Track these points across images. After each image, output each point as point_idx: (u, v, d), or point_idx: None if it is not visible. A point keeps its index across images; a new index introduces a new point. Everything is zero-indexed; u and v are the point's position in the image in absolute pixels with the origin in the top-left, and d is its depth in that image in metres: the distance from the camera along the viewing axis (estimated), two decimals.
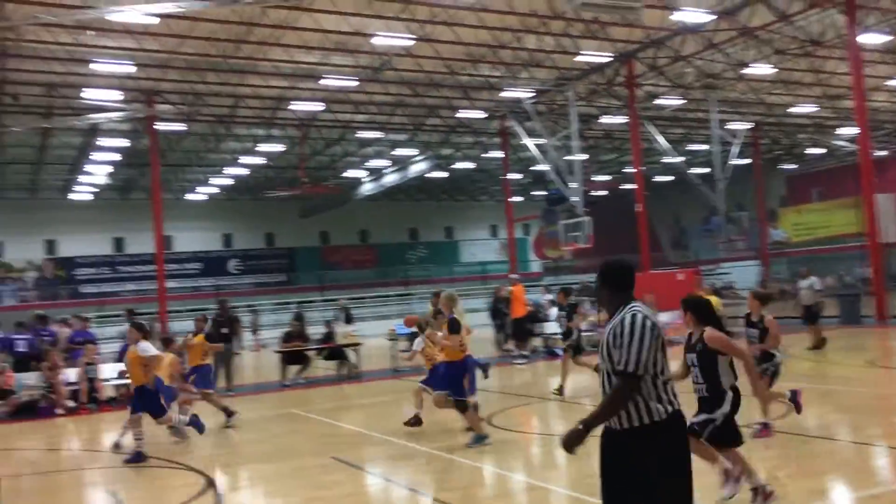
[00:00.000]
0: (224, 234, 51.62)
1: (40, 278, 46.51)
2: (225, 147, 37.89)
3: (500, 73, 29.57)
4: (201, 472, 8.71)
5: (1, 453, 11.40)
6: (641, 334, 3.77)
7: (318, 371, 18.55)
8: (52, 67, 25.82)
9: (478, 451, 9.06)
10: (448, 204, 57.66)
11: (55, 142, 35.22)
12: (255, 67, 27.35)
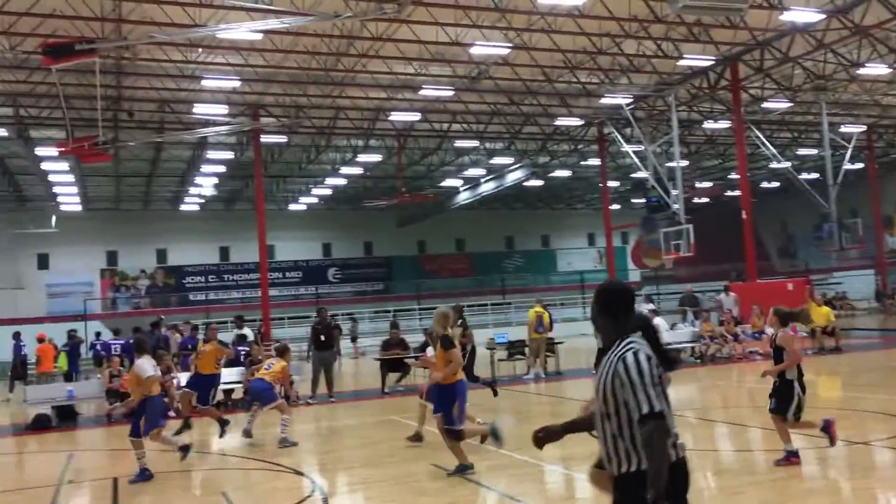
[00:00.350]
0: (324, 243, 52.77)
1: (152, 286, 48.68)
2: (325, 158, 38.76)
3: (598, 79, 29.16)
4: (306, 475, 8.86)
5: (117, 453, 11.91)
6: (650, 371, 3.51)
7: (417, 379, 18.64)
8: (164, 84, 27.04)
9: (577, 459, 8.86)
10: (545, 212, 57.26)
11: (166, 155, 36.87)
12: (354, 80, 27.87)
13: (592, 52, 25.94)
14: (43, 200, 42.97)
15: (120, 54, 23.60)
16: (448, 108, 32.09)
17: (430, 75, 27.77)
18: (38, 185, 40.28)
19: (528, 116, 33.62)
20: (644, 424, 3.44)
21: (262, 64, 25.73)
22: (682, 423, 11.38)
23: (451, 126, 34.21)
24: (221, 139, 33.98)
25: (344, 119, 32.72)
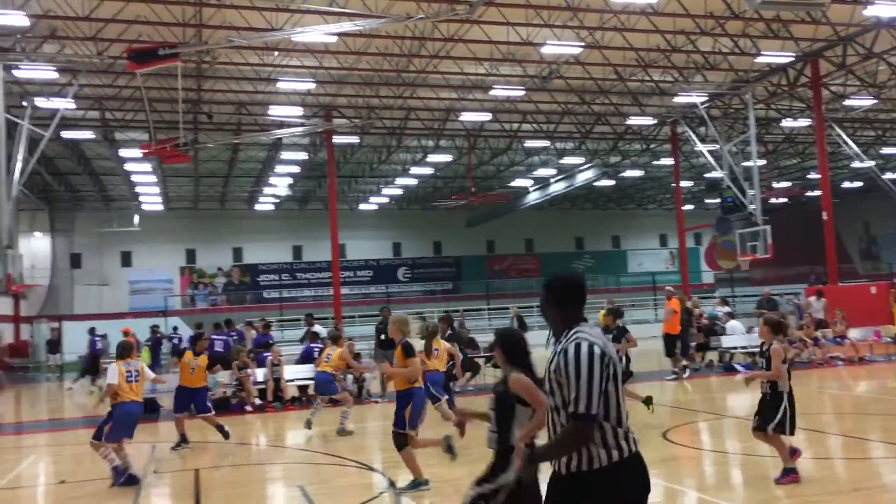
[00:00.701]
0: (394, 242, 53.27)
1: (228, 283, 49.97)
2: (395, 158, 39.15)
3: (672, 77, 28.70)
4: (381, 472, 9.01)
5: (198, 446, 12.31)
6: (590, 367, 3.33)
7: (487, 378, 18.72)
8: (241, 87, 27.76)
9: (651, 465, 8.79)
10: (615, 212, 56.61)
11: (242, 156, 37.83)
12: (425, 80, 28.08)
13: (666, 49, 25.55)
14: (126, 200, 44.60)
15: (200, 58, 24.32)
16: (518, 107, 32.04)
17: (501, 75, 27.77)
18: (122, 186, 41.82)
19: (600, 116, 33.31)
20: (572, 420, 3.34)
21: (335, 66, 26.16)
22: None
23: (522, 126, 34.14)
24: (296, 140, 34.68)
25: (415, 119, 32.99)
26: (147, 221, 45.41)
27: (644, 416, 11.75)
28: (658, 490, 7.90)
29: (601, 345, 3.43)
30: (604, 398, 3.37)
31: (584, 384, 3.32)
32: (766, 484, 8.03)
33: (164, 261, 48.06)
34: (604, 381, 3.37)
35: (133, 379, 9.24)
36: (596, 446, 3.38)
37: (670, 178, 39.19)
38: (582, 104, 31.51)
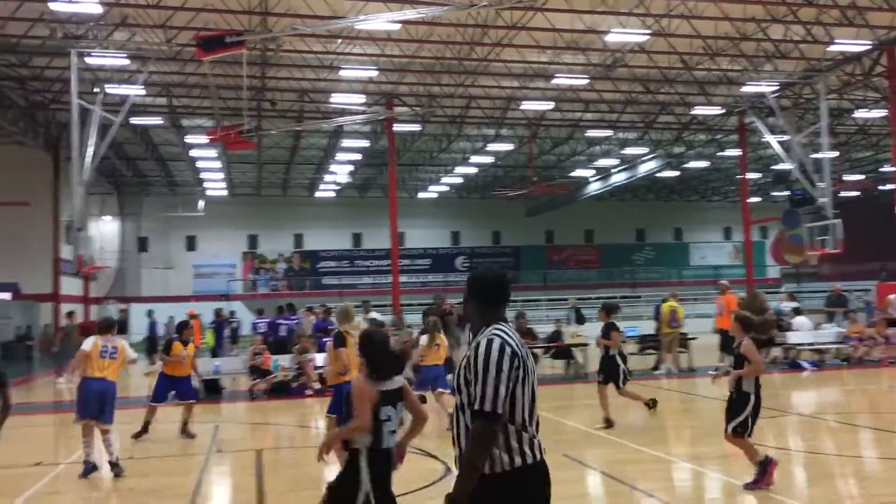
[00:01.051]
0: (452, 231, 53.32)
1: (289, 269, 50.74)
2: (456, 147, 39.11)
3: (740, 66, 27.96)
4: (440, 459, 9.02)
5: (260, 427, 12.54)
6: (498, 364, 3.19)
7: (544, 370, 18.62)
8: (304, 74, 28.02)
9: (709, 458, 8.61)
10: (678, 204, 55.60)
11: (304, 143, 38.28)
12: (487, 68, 27.92)
13: (735, 37, 24.91)
14: (192, 186, 45.59)
15: (265, 46, 24.61)
16: (581, 96, 31.64)
17: (564, 63, 27.45)
18: (188, 171, 42.74)
19: (664, 105, 32.67)
20: (474, 421, 3.20)
21: (397, 54, 26.21)
22: (823, 427, 10.85)
23: (584, 115, 33.73)
24: (357, 128, 34.91)
25: (476, 108, 32.87)
26: (211, 207, 46.37)
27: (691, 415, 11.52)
28: (719, 486, 7.74)
29: (515, 345, 3.29)
30: (511, 400, 3.22)
31: (491, 381, 3.18)
32: (830, 482, 7.81)
33: (227, 246, 49.05)
34: (511, 381, 3.22)
35: (107, 355, 8.77)
36: (499, 449, 3.23)
37: (736, 169, 38.30)
38: (646, 93, 30.94)
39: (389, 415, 4.52)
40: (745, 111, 32.23)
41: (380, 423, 4.49)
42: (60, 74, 26.63)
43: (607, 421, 11.01)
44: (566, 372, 18.13)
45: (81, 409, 8.70)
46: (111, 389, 8.80)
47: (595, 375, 17.85)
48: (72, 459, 9.92)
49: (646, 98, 31.67)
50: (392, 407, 4.54)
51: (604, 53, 26.61)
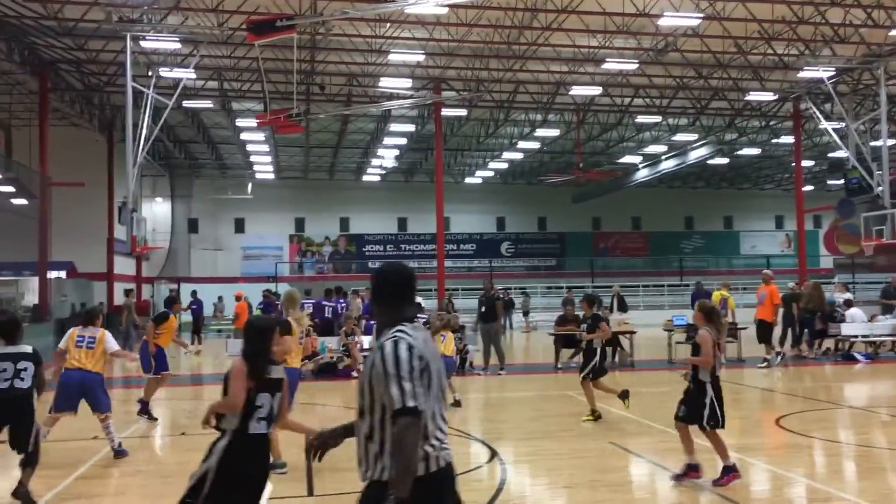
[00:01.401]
0: (498, 216, 53.17)
1: (334, 252, 51.18)
2: (502, 132, 38.94)
3: (797, 50, 27.30)
4: (485, 442, 9.04)
5: (307, 407, 12.70)
6: (410, 364, 3.10)
7: None
8: (353, 58, 28.14)
9: (756, 449, 8.49)
10: (729, 192, 54.66)
11: (352, 127, 38.47)
12: (535, 53, 27.69)
13: (792, 21, 24.31)
14: (241, 168, 46.21)
15: (315, 30, 24.74)
16: (630, 81, 31.24)
17: (614, 48, 27.09)
18: (237, 154, 43.32)
19: (717, 91, 32.08)
20: (395, 421, 3.06)
21: (445, 38, 26.14)
22: (875, 421, 10.61)
23: (633, 100, 33.30)
24: (404, 112, 34.96)
25: (523, 93, 32.65)
26: (259, 189, 46.94)
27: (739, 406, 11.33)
28: (769, 477, 7.63)
29: (420, 347, 3.18)
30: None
31: (405, 379, 3.09)
32: (882, 476, 7.64)
33: (274, 228, 49.63)
34: (419, 379, 3.13)
35: (84, 345, 8.53)
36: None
37: (790, 156, 37.50)
38: (698, 78, 30.40)
39: (263, 402, 4.53)
40: (801, 97, 31.51)
41: (252, 407, 4.50)
42: (115, 58, 27.15)
43: (593, 413, 10.75)
44: (612, 360, 17.98)
45: (59, 401, 8.45)
46: (92, 379, 8.51)
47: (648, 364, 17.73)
48: (127, 434, 10.18)
49: (698, 83, 31.13)
50: (269, 395, 4.55)
51: (656, 37, 26.20)
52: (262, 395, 4.52)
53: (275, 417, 4.63)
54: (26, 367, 6.73)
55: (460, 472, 7.41)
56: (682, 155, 40.05)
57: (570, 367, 17.30)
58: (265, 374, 4.56)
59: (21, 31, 25.62)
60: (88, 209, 35.51)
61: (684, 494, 7.04)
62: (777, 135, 37.90)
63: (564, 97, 32.83)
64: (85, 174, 33.26)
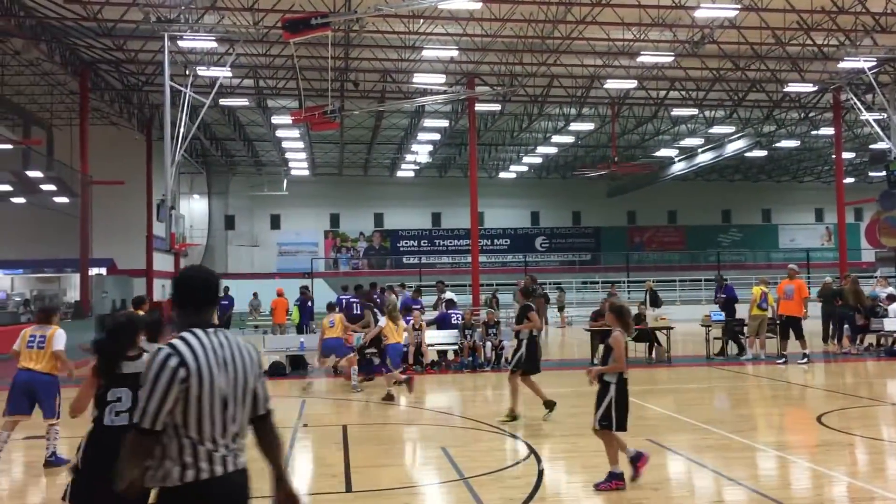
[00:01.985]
0: (532, 211, 53.01)
1: (369, 248, 51.45)
2: (536, 126, 38.78)
3: (837, 41, 26.78)
4: (520, 438, 9.05)
5: (343, 403, 12.82)
6: (156, 378, 3.05)
7: (627, 352, 18.45)
8: (387, 55, 28.21)
9: (798, 447, 8.39)
10: (767, 185, 53.88)
11: (386, 123, 38.58)
12: (569, 47, 27.51)
13: (832, 11, 23.87)
14: (276, 165, 46.61)
15: (349, 27, 24.86)
16: (666, 74, 30.90)
17: (649, 41, 26.81)
18: (273, 151, 43.69)
19: (754, 82, 31.60)
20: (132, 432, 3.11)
21: (479, 33, 26.08)
22: None
23: (669, 93, 32.92)
24: (438, 108, 34.99)
25: (557, 87, 32.47)
26: (295, 186, 47.33)
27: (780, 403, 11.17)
28: (809, 476, 7.53)
29: (189, 359, 3.10)
30: (183, 413, 3.07)
31: (146, 395, 3.06)
32: None
33: (309, 224, 50.03)
34: (170, 395, 3.05)
35: (35, 346, 7.96)
36: (172, 462, 3.08)
37: (830, 148, 36.86)
38: (735, 70, 29.98)
39: (119, 396, 4.66)
40: (841, 88, 30.91)
41: (105, 402, 4.67)
42: (153, 57, 27.53)
43: (548, 404, 10.60)
44: (648, 356, 17.87)
45: (8, 403, 7.98)
46: (40, 381, 7.94)
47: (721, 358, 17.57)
48: None
49: (735, 75, 30.71)
50: (128, 389, 4.64)
51: (692, 30, 25.88)
52: (115, 389, 4.68)
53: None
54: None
55: (495, 470, 7.45)
56: (719, 148, 39.54)
57: None
58: (113, 371, 4.70)
59: (62, 33, 26.12)
60: (128, 207, 36.11)
61: (724, 493, 6.98)
62: (817, 126, 37.25)
63: (599, 91, 32.59)
64: (124, 172, 33.82)
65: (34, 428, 8.32)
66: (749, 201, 53.95)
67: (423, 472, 7.94)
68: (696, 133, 39.98)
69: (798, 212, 54.74)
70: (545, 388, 10.83)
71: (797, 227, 54.27)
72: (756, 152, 41.56)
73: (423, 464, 8.29)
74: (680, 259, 49.74)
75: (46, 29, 25.62)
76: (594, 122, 37.20)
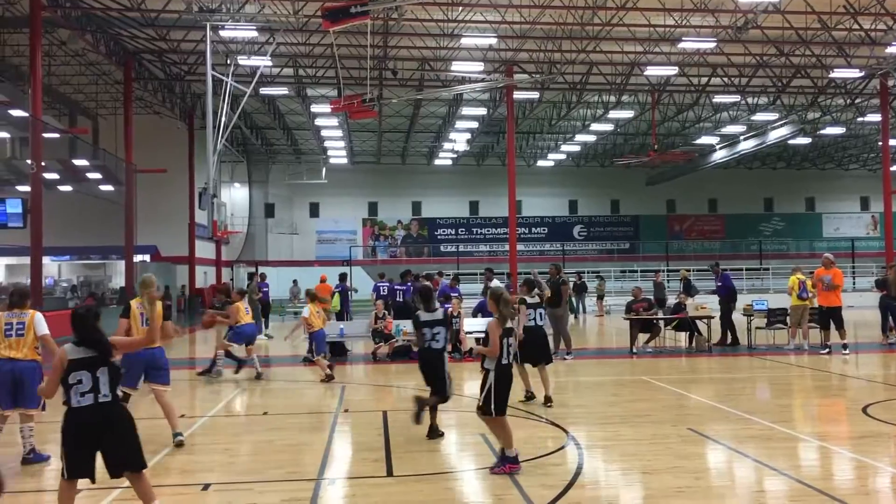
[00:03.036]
0: (570, 200, 52.73)
1: (407, 236, 51.64)
2: (575, 114, 38.53)
3: (885, 25, 26.17)
4: (562, 427, 9.06)
5: (383, 389, 12.95)
6: None
7: (667, 341, 18.30)
8: (425, 43, 28.23)
9: (841, 438, 8.28)
10: (811, 172, 52.91)
11: (424, 112, 38.63)
12: (609, 33, 27.29)
13: None
14: (315, 154, 46.96)
15: (388, 15, 24.92)
16: (708, 60, 30.50)
17: (691, 26, 26.50)
18: (312, 140, 44.02)
19: (799, 68, 31.04)
20: None
21: (518, 20, 25.97)
22: None
23: (711, 80, 32.50)
24: (476, 96, 34.92)
25: (597, 74, 32.24)
26: (333, 174, 47.63)
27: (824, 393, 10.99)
28: (853, 466, 7.44)
29: None
30: None
31: None
32: None
33: (348, 212, 50.36)
34: None
35: (14, 334, 7.51)
36: None
37: (877, 135, 36.09)
38: (779, 56, 29.47)
39: (81, 378, 5.17)
40: (889, 73, 30.21)
41: (69, 384, 5.19)
42: (195, 47, 27.90)
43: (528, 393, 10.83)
44: (688, 345, 17.73)
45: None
46: (23, 370, 7.49)
47: (720, 348, 17.42)
48: (213, 413, 10.58)
49: (779, 61, 30.19)
50: (88, 372, 5.20)
51: (735, 15, 25.50)
52: (77, 373, 5.18)
53: (109, 388, 5.24)
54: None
55: (535, 457, 7.48)
56: (762, 135, 38.92)
57: (646, 353, 17.14)
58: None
59: (106, 23, 26.57)
60: (171, 195, 36.69)
61: (765, 483, 6.94)
62: (863, 113, 36.49)
63: (639, 78, 32.28)
64: (167, 161, 34.36)
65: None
66: (792, 189, 53.06)
67: (462, 459, 8.00)
68: (738, 120, 39.41)
69: (843, 200, 53.72)
70: (586, 376, 10.81)
71: (842, 215, 53.27)
72: (800, 139, 40.86)
73: (463, 450, 8.35)
74: (721, 248, 49.14)
75: (91, 19, 26.08)
76: (634, 109, 36.84)
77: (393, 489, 6.66)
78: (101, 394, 5.21)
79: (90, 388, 5.17)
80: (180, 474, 7.28)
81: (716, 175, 49.38)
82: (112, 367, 5.31)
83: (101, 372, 5.22)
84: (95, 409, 5.18)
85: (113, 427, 5.23)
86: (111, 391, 5.26)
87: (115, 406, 5.31)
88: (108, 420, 5.22)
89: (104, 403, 5.21)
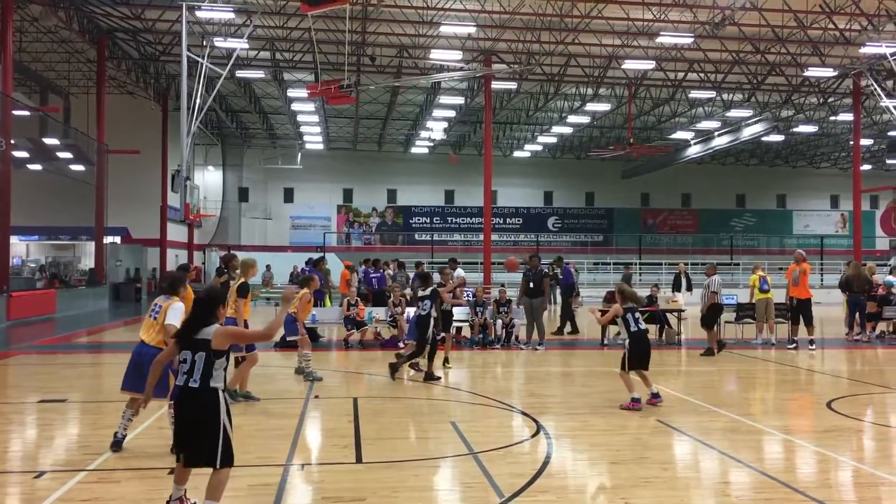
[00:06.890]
0: (545, 191, 52.89)
1: (382, 223, 51.52)
2: (552, 105, 38.60)
3: (860, 25, 26.49)
4: (532, 416, 9.12)
5: (355, 376, 12.94)
6: None
7: None
8: (404, 30, 28.09)
9: (806, 431, 8.42)
10: (783, 170, 53.55)
11: (401, 99, 38.50)
12: (588, 26, 27.34)
13: None
14: (291, 139, 46.66)
15: (367, 1, 24.75)
16: (685, 56, 30.68)
17: (669, 21, 26.64)
18: (288, 125, 43.70)
19: (774, 66, 31.35)
20: None
21: (497, 10, 25.93)
22: None
23: (687, 75, 32.71)
24: (453, 84, 34.86)
25: (574, 66, 32.31)
26: (308, 160, 47.38)
27: (790, 388, 11.13)
28: (815, 459, 7.57)
29: None
30: None
31: None
32: None
33: (322, 198, 50.12)
34: None
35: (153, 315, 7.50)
36: None
37: (848, 134, 36.59)
38: (755, 53, 29.74)
39: (185, 357, 5.31)
40: (862, 73, 30.61)
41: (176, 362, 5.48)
42: (170, 27, 27.53)
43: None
44: (659, 338, 17.90)
45: None
46: (144, 354, 7.33)
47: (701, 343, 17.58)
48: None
49: (754, 58, 30.47)
50: (191, 352, 5.28)
51: (712, 10, 25.67)
52: (183, 352, 5.33)
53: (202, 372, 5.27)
54: None
55: (505, 446, 7.53)
56: (736, 131, 39.29)
57: (617, 344, 17.27)
58: (186, 338, 5.32)
59: (80, 0, 26.12)
60: (143, 176, 36.26)
61: (730, 474, 7.04)
62: (835, 112, 36.96)
63: (616, 71, 32.41)
64: (140, 142, 33.95)
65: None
66: (764, 186, 53.67)
67: (433, 446, 8.02)
68: (712, 116, 39.73)
69: (813, 198, 54.45)
70: (557, 367, 10.87)
71: (812, 213, 53.99)
72: (773, 137, 41.29)
73: (433, 437, 8.37)
74: (693, 242, 49.61)
75: None
76: (610, 102, 37.00)
77: (362, 475, 6.66)
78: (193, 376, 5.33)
79: (188, 369, 5.29)
80: (148, 458, 7.23)
81: (690, 170, 49.82)
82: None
83: (199, 355, 5.30)
84: (188, 389, 5.37)
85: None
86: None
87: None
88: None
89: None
